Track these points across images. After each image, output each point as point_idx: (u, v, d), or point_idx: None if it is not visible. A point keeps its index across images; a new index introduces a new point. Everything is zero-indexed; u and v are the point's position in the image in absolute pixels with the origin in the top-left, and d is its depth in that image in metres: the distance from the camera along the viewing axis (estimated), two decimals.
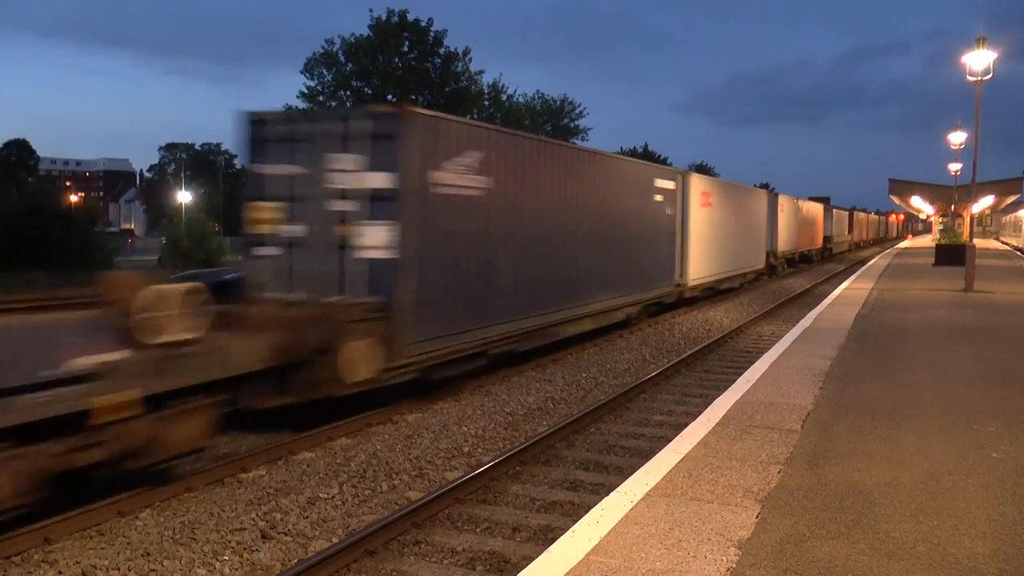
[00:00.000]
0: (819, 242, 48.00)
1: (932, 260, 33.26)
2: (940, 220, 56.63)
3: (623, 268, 16.69)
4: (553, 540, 4.77)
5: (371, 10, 44.32)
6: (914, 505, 5.14)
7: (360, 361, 9.06)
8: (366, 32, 44.31)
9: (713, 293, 24.72)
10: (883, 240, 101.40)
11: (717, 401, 8.07)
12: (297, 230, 10.21)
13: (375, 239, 9.80)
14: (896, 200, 67.74)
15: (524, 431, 9.77)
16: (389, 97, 43.54)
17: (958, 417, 7.39)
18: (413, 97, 43.38)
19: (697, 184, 22.14)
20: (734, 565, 4.22)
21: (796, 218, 38.89)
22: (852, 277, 26.80)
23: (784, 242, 35.92)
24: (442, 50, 45.00)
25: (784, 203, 36.10)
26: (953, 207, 47.35)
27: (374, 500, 7.39)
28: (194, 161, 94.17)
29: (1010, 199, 60.22)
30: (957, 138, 43.02)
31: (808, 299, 25.13)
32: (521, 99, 59.66)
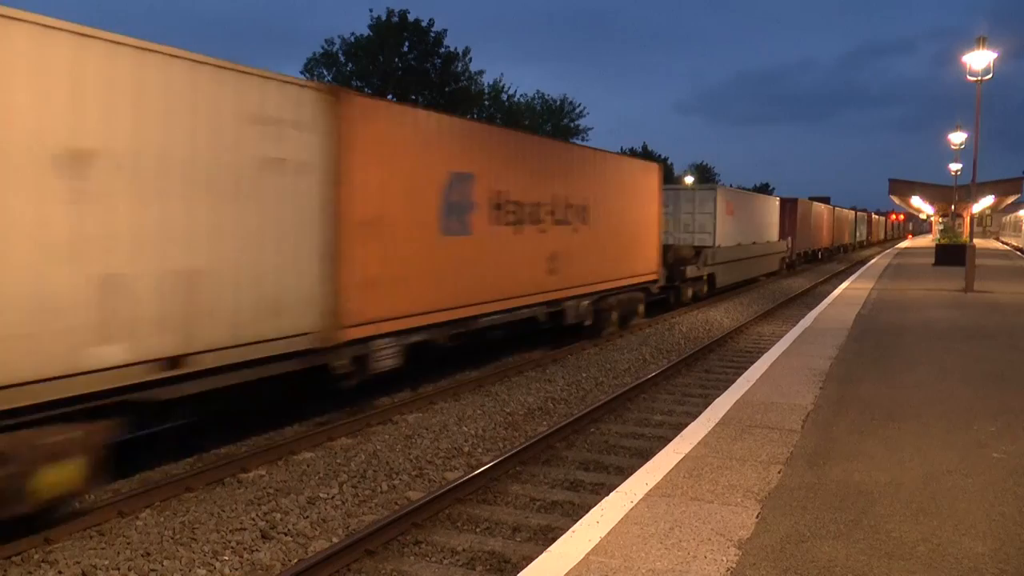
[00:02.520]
0: (638, 268, 17.66)
1: (932, 260, 33.27)
2: (940, 220, 56.63)
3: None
4: (553, 540, 4.77)
5: (371, 10, 44.37)
6: (914, 505, 5.14)
7: None
8: (366, 32, 44.35)
9: None
10: (863, 244, 72.75)
11: (717, 401, 8.07)
12: None
13: None
14: (896, 200, 67.69)
15: (524, 431, 9.77)
16: (390, 97, 43.53)
17: (958, 417, 7.39)
18: (413, 97, 43.39)
19: None
20: (734, 565, 4.22)
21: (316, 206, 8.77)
22: (852, 277, 26.80)
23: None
24: (442, 50, 45.02)
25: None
26: (953, 207, 47.34)
27: (374, 500, 7.39)
28: None
29: (1010, 199, 60.17)
30: (957, 138, 43.05)
31: (808, 299, 25.12)
32: (521, 99, 59.78)
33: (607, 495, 5.39)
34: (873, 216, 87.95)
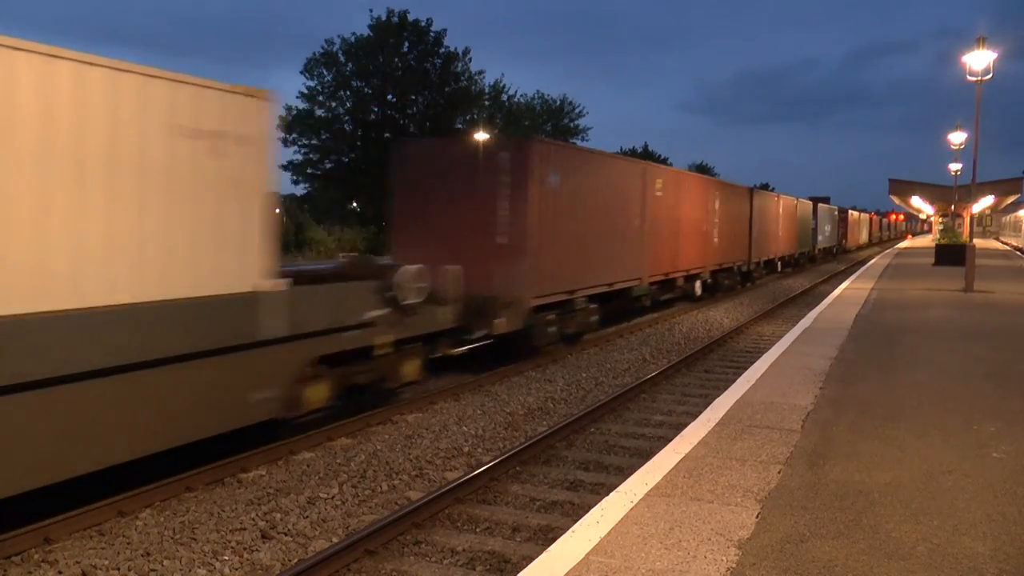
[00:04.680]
0: None
1: (931, 260, 33.30)
2: (940, 220, 56.61)
3: None
4: (553, 540, 4.77)
5: (371, 10, 44.31)
6: (914, 505, 5.14)
7: None
8: (366, 32, 44.29)
9: None
10: (832, 252, 53.81)
11: (717, 401, 8.07)
12: None
13: None
14: (896, 200, 67.70)
15: (524, 431, 9.77)
16: (389, 97, 43.52)
17: (958, 417, 7.39)
18: (413, 97, 43.33)
19: None
20: (734, 565, 4.22)
21: None
22: (853, 277, 26.81)
23: None
24: (442, 50, 44.94)
25: None
26: (953, 207, 47.33)
27: (374, 500, 7.39)
28: None
29: (1010, 199, 60.17)
30: (957, 138, 43.04)
31: (808, 299, 25.13)
32: (521, 99, 59.72)
33: (607, 495, 5.39)
34: (851, 213, 67.75)
